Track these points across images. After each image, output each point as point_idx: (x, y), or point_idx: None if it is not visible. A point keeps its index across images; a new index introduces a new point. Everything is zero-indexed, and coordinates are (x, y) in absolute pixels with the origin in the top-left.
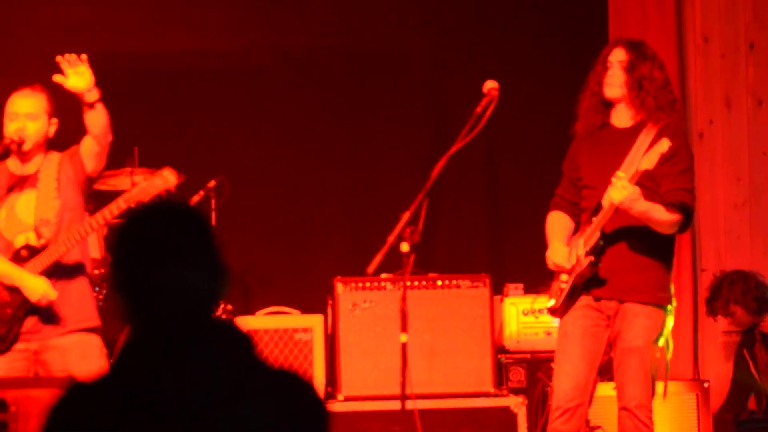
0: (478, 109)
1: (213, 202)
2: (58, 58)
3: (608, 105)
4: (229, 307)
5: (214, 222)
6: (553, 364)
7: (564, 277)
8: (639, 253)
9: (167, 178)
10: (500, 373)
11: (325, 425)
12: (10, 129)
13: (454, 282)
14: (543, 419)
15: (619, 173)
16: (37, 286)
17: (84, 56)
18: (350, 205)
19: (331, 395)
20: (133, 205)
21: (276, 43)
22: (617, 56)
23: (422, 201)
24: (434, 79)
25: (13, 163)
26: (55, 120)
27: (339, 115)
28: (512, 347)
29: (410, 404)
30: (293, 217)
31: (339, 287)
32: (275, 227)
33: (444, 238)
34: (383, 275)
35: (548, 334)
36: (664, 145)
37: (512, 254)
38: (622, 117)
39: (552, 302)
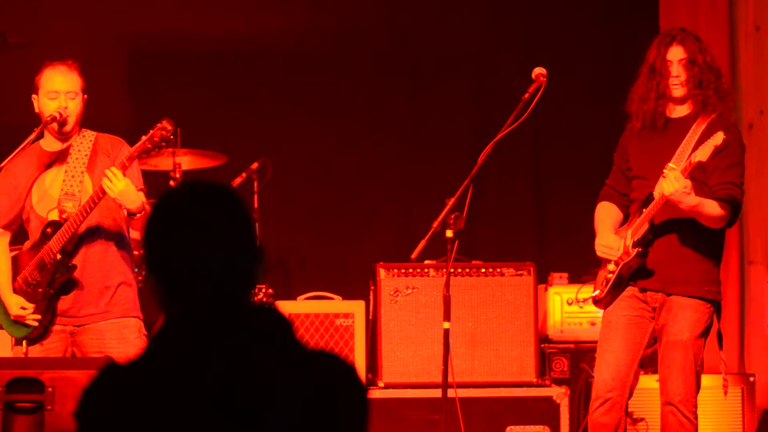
0: (526, 95)
1: (255, 184)
2: (106, 172)
3: (665, 98)
4: (270, 291)
5: (256, 205)
6: (596, 355)
7: (611, 267)
8: (687, 245)
9: (165, 127)
10: (543, 363)
11: (366, 408)
12: (51, 107)
13: (498, 270)
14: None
15: (671, 165)
16: (9, 304)
17: (119, 173)
18: (394, 190)
19: (371, 382)
20: (136, 158)
21: (322, 24)
22: (676, 54)
23: (467, 187)
24: (482, 64)
25: (46, 143)
26: (85, 96)
27: (385, 98)
28: (556, 337)
29: (451, 392)
30: (336, 201)
31: (381, 273)
32: (318, 211)
33: (488, 226)
34: (426, 261)
35: (592, 324)
36: (719, 137)
37: (557, 243)
38: (676, 108)
39: (597, 292)
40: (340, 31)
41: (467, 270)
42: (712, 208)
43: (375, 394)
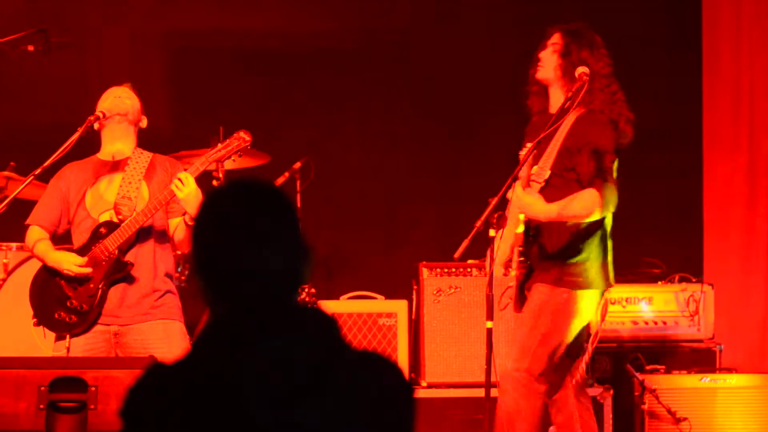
0: (569, 94)
1: (298, 183)
2: (178, 174)
3: (538, 85)
4: (313, 290)
5: (299, 204)
6: (639, 354)
7: (512, 273)
8: (550, 243)
9: (243, 138)
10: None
11: (412, 409)
12: (104, 104)
13: None
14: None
15: (516, 184)
16: (61, 260)
17: (191, 177)
18: (437, 190)
19: (414, 381)
20: (209, 167)
21: (367, 25)
22: (553, 40)
23: (510, 186)
24: (523, 63)
25: (103, 153)
26: (145, 119)
27: (427, 98)
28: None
29: (494, 392)
30: (379, 201)
31: (424, 272)
32: (361, 210)
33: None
34: (469, 261)
35: (635, 323)
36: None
37: None
38: (555, 102)
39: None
40: (385, 30)
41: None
42: (571, 206)
43: (418, 393)
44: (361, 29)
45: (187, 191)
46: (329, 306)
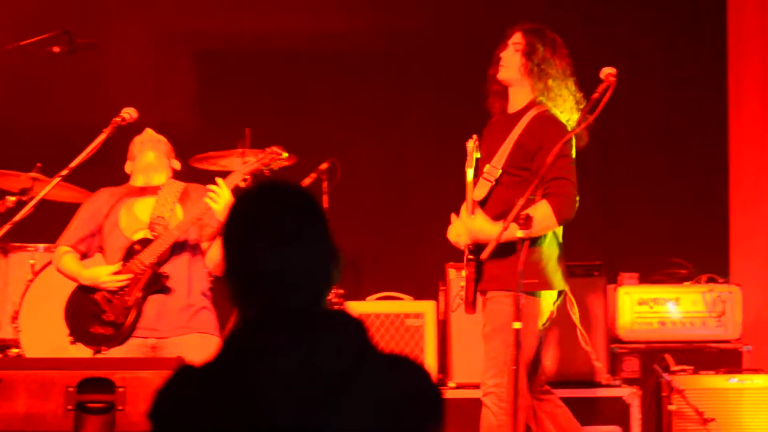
0: (595, 95)
1: (324, 184)
2: (216, 183)
3: (498, 84)
4: (341, 291)
5: (325, 205)
6: (665, 355)
7: (463, 273)
8: (501, 243)
9: (275, 150)
10: (613, 363)
11: (440, 412)
12: (136, 147)
13: (568, 270)
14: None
15: (462, 208)
16: (97, 274)
17: (225, 188)
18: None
19: (442, 382)
20: (241, 184)
21: (390, 26)
22: (515, 39)
23: (537, 187)
24: None
25: (135, 180)
26: (178, 162)
27: (452, 98)
28: (626, 337)
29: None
30: (406, 201)
31: (451, 273)
32: (387, 211)
33: None
34: None
35: (662, 324)
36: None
37: (627, 243)
38: (514, 102)
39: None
40: (411, 31)
41: None
42: (515, 228)
43: (446, 394)
44: (387, 30)
45: (223, 203)
46: (356, 307)
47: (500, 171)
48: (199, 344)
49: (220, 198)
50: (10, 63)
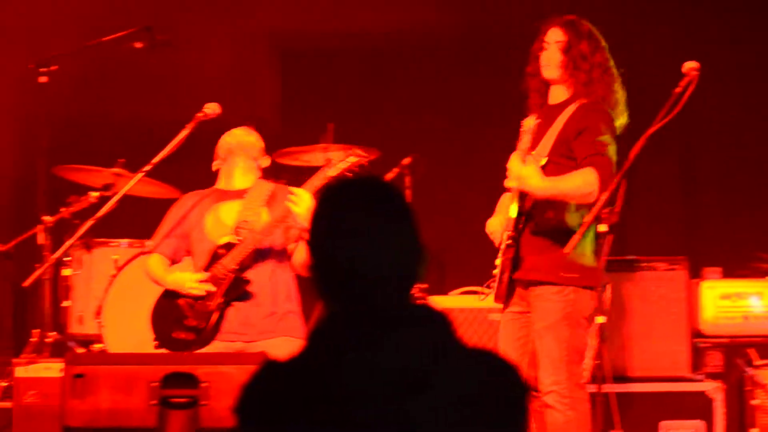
0: (677, 90)
1: (407, 179)
2: (292, 198)
3: (540, 80)
4: (424, 285)
5: (408, 200)
6: (748, 349)
7: (497, 261)
8: (544, 233)
9: (357, 152)
10: (697, 358)
11: (525, 408)
12: (226, 139)
13: (651, 264)
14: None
15: (513, 155)
16: (183, 280)
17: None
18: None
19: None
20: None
21: (474, 20)
22: (554, 36)
23: (620, 182)
24: (632, 59)
25: (222, 184)
26: (268, 158)
27: None
28: (709, 331)
29: (606, 387)
30: (489, 195)
31: None
32: (469, 205)
33: (641, 220)
34: None
35: (746, 318)
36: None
37: (710, 237)
38: (554, 94)
39: (493, 287)
40: (492, 26)
41: (620, 264)
42: (568, 182)
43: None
44: (468, 25)
45: (305, 206)
46: (439, 302)
47: (545, 159)
48: (286, 347)
49: (301, 201)
50: (92, 60)
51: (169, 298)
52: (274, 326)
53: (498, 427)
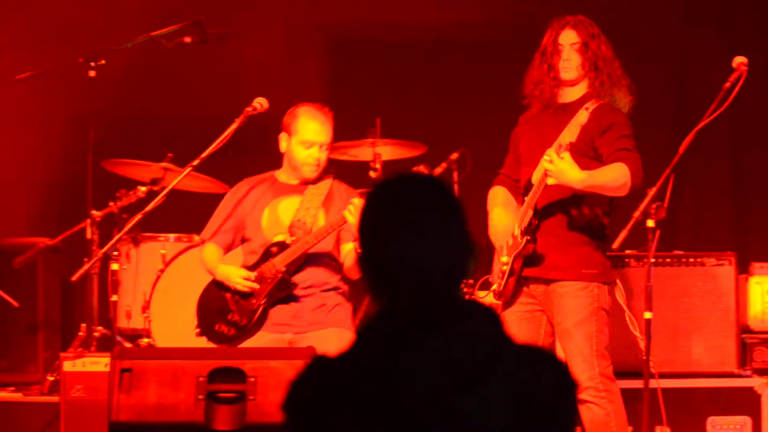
0: (727, 85)
1: (455, 174)
2: (350, 208)
3: (556, 82)
4: (470, 281)
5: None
6: None
7: (504, 258)
8: (565, 230)
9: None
10: (744, 353)
11: (574, 405)
12: (303, 155)
13: (699, 260)
14: None
15: (548, 150)
16: (230, 274)
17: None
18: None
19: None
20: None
21: (522, 15)
22: (568, 38)
23: (668, 177)
24: (681, 53)
25: (284, 176)
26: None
27: None
28: (757, 327)
29: (653, 383)
30: None
31: None
32: None
33: (689, 215)
34: (627, 251)
35: None
36: (583, 116)
37: (758, 233)
38: (567, 93)
39: (495, 286)
40: (539, 20)
41: (668, 260)
42: (604, 174)
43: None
44: (519, 20)
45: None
46: (483, 297)
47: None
48: (336, 338)
49: (357, 213)
50: (141, 54)
51: (218, 288)
52: (323, 318)
53: (548, 422)
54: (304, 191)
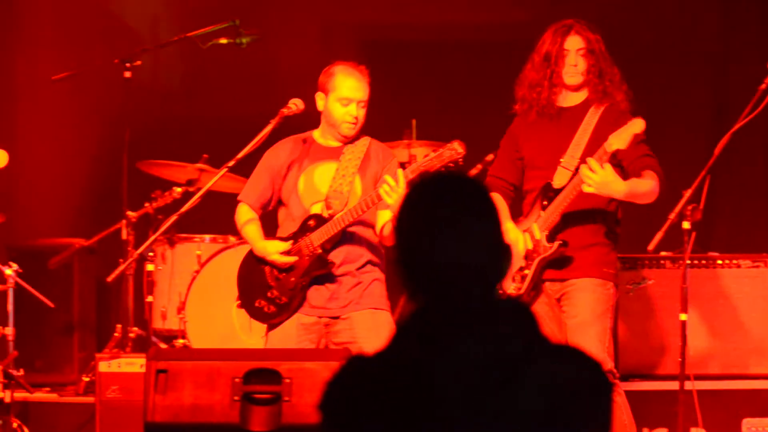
0: (762, 86)
1: None
2: (384, 186)
3: (558, 87)
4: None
5: None
6: None
7: (521, 262)
8: (584, 232)
9: (456, 149)
10: None
11: (610, 407)
12: (341, 112)
13: (735, 261)
14: None
15: (590, 159)
16: (267, 250)
17: (402, 182)
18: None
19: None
20: (417, 176)
21: (557, 16)
22: (574, 44)
23: (704, 178)
24: (717, 55)
25: (321, 137)
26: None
27: None
28: None
29: (689, 385)
30: None
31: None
32: None
33: (725, 217)
34: (663, 253)
35: None
36: (639, 125)
37: None
38: (567, 98)
39: (513, 288)
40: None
41: (703, 261)
42: (642, 185)
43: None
44: (554, 21)
45: (397, 196)
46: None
47: (578, 161)
48: (371, 320)
49: (394, 193)
50: (177, 55)
51: (256, 261)
52: (359, 298)
53: (583, 422)
54: (340, 156)
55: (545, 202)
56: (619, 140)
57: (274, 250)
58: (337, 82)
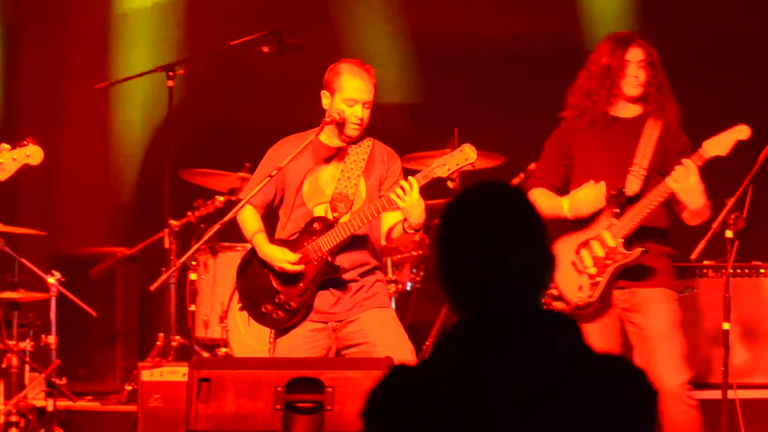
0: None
1: None
2: (401, 183)
3: (617, 98)
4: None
5: None
6: None
7: (591, 270)
8: (655, 241)
9: (467, 154)
10: None
11: (655, 414)
12: (346, 113)
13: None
14: None
15: (686, 161)
16: (274, 256)
17: (416, 187)
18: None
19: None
20: (428, 181)
21: (600, 27)
22: (636, 56)
23: (747, 187)
24: (758, 62)
25: (326, 137)
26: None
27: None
28: None
29: (732, 394)
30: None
31: None
32: None
33: (767, 225)
34: (705, 262)
35: None
36: (744, 131)
37: None
38: (627, 108)
39: (579, 297)
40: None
41: (746, 270)
42: (705, 198)
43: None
44: (597, 32)
45: (410, 201)
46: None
47: (645, 171)
48: (379, 319)
49: (407, 197)
50: (219, 64)
51: (260, 265)
52: (362, 300)
53: (630, 430)
54: (345, 156)
55: (617, 210)
56: (717, 147)
57: (281, 257)
58: (343, 82)
